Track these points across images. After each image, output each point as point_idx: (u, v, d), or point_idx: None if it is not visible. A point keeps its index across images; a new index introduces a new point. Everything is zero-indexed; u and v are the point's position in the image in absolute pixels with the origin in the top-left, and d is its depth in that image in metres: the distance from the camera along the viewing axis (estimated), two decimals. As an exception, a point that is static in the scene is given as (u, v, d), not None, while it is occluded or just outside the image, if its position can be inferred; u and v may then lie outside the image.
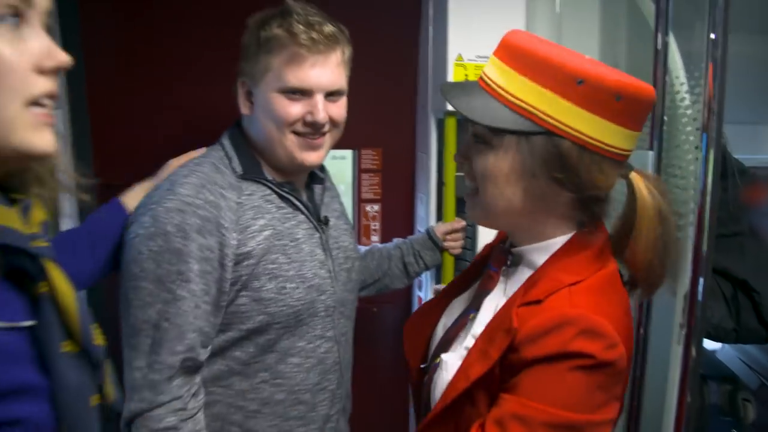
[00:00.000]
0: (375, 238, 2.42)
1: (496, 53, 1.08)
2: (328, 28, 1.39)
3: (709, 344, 2.29)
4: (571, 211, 1.09)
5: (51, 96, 0.77)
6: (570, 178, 1.02)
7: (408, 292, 2.47)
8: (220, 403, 1.43)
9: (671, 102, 1.53)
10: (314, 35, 1.36)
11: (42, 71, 0.76)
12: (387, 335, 2.49)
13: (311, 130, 1.41)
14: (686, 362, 1.39)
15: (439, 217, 2.15)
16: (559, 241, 1.11)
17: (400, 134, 2.41)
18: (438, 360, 1.18)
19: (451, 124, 2.03)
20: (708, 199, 1.33)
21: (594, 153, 1.01)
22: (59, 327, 0.81)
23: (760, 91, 2.41)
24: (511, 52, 1.05)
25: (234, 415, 1.44)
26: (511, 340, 1.01)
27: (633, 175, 1.06)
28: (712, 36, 1.31)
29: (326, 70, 1.39)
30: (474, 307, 1.19)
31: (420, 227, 2.36)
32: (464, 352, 1.13)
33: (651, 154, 1.48)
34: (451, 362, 1.14)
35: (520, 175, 1.04)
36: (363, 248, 1.93)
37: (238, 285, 1.37)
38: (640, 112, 1.03)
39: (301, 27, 1.36)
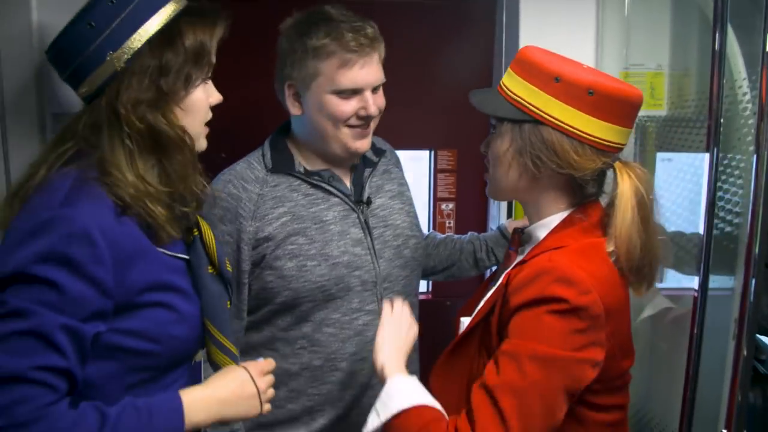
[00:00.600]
0: (444, 233, 2.53)
1: (511, 64, 1.32)
2: (370, 30, 1.57)
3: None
4: (563, 191, 1.30)
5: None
6: (550, 157, 1.23)
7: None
8: None
9: (730, 104, 1.58)
10: (362, 40, 1.54)
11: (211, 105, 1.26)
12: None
13: (364, 122, 1.61)
14: (737, 357, 1.43)
15: (510, 214, 2.24)
16: (556, 219, 1.31)
17: (475, 136, 2.49)
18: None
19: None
20: (761, 200, 1.37)
21: (572, 138, 1.22)
22: (205, 257, 1.25)
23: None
24: (516, 61, 1.29)
25: (281, 375, 1.58)
26: (503, 295, 1.23)
27: (617, 164, 1.26)
28: None
29: (372, 69, 1.58)
30: (493, 279, 1.43)
31: (492, 225, 2.45)
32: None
33: (707, 155, 1.53)
34: (465, 322, 1.37)
35: (513, 155, 1.27)
36: (439, 236, 2.06)
37: (262, 264, 1.61)
38: (617, 107, 1.22)
39: (349, 34, 1.53)
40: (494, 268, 1.98)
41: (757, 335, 1.82)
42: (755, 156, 1.38)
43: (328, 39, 1.53)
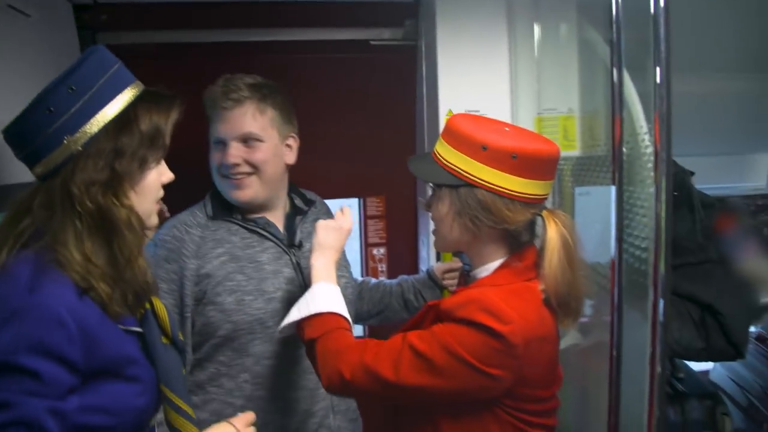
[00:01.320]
0: (377, 278, 2.60)
1: (441, 133, 1.49)
2: (236, 95, 1.75)
3: (701, 365, 2.43)
4: (499, 240, 1.47)
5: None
6: (485, 215, 1.41)
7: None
8: (215, 400, 1.75)
9: (633, 141, 1.71)
10: (226, 100, 1.75)
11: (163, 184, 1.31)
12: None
13: (231, 173, 1.77)
14: (652, 376, 1.53)
15: (438, 258, 2.32)
16: (495, 264, 1.47)
17: (402, 182, 2.60)
18: None
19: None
20: (663, 230, 1.49)
21: (503, 197, 1.39)
22: (158, 329, 1.29)
23: (735, 126, 2.58)
24: (447, 131, 1.47)
25: (226, 410, 1.72)
26: (434, 316, 1.41)
27: (545, 213, 1.44)
28: (658, 80, 1.50)
29: (233, 123, 1.76)
30: None
31: (423, 267, 2.53)
32: None
33: (613, 188, 1.65)
34: None
35: (453, 216, 1.44)
36: (372, 281, 2.18)
37: (204, 300, 1.74)
38: (538, 165, 1.40)
39: (218, 95, 1.76)
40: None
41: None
42: (655, 188, 1.51)
43: (206, 97, 1.79)
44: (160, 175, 1.30)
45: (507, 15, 2.22)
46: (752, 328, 2.02)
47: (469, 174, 1.40)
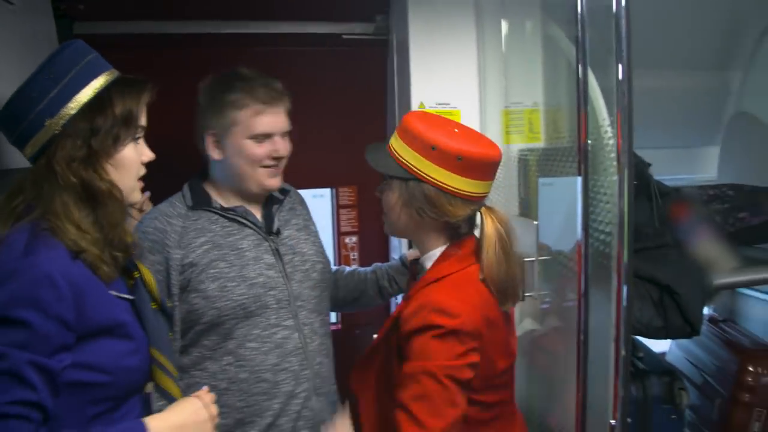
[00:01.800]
0: (351, 266, 2.68)
1: (397, 128, 1.63)
2: (278, 86, 1.86)
3: (657, 347, 2.57)
4: (441, 230, 1.63)
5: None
6: (429, 208, 1.56)
7: (386, 315, 2.71)
8: (199, 384, 1.75)
9: (596, 133, 1.81)
10: (272, 93, 1.84)
11: (143, 162, 1.42)
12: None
13: (276, 163, 1.88)
14: (617, 356, 1.64)
15: (410, 246, 2.41)
16: (437, 252, 1.63)
17: (372, 173, 2.66)
18: None
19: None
20: (626, 218, 1.60)
21: (446, 193, 1.54)
22: (147, 296, 1.42)
23: (691, 121, 2.72)
24: (402, 128, 1.60)
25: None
26: (394, 323, 1.57)
27: (483, 210, 1.61)
28: (620, 77, 1.59)
29: (280, 118, 1.87)
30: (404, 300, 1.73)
31: (394, 255, 2.62)
32: None
33: (579, 179, 1.76)
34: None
35: (401, 204, 1.59)
36: (347, 269, 2.24)
37: (189, 288, 1.80)
38: (481, 168, 1.56)
39: (261, 89, 1.83)
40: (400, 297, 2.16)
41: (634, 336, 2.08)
42: (617, 178, 1.61)
43: (243, 93, 1.81)
44: (138, 154, 1.40)
45: (475, 12, 2.32)
46: (705, 310, 2.13)
47: (418, 170, 1.54)
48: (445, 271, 1.58)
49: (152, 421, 1.28)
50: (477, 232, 1.64)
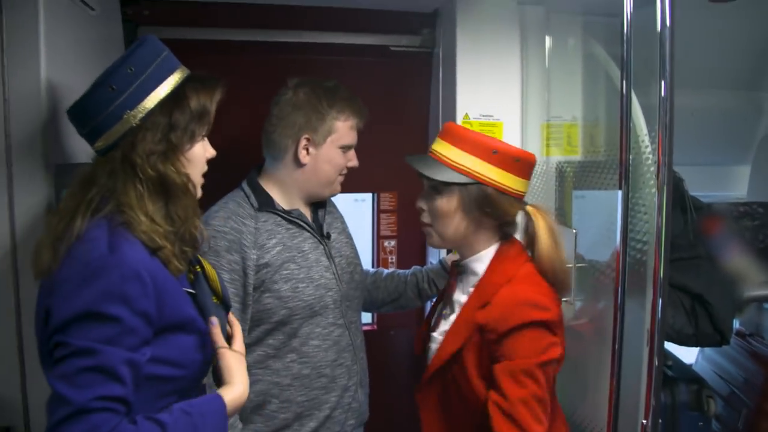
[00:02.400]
0: (390, 269, 2.77)
1: (441, 137, 1.71)
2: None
3: (685, 357, 2.64)
4: (493, 231, 1.71)
5: None
6: (493, 210, 1.66)
7: (421, 317, 2.81)
8: (261, 381, 1.89)
9: (636, 148, 1.89)
10: (364, 112, 2.03)
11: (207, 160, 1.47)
12: (402, 353, 2.84)
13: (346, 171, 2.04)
14: (650, 365, 1.71)
15: (449, 250, 2.50)
16: (488, 252, 1.71)
17: (414, 180, 2.75)
18: (429, 345, 1.78)
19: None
20: (663, 228, 1.68)
21: (505, 194, 1.65)
22: (209, 290, 1.45)
23: (724, 139, 2.79)
24: (452, 136, 1.68)
25: (273, 389, 1.89)
26: (478, 329, 1.59)
27: (530, 208, 1.70)
28: (662, 94, 1.66)
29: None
30: (445, 305, 1.81)
31: (432, 259, 2.71)
32: (436, 335, 1.74)
33: (620, 192, 1.84)
34: (434, 345, 1.74)
35: (461, 210, 1.66)
36: (386, 271, 2.33)
37: (262, 288, 1.87)
38: (528, 168, 1.69)
39: (359, 107, 2.01)
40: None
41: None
42: (658, 193, 1.68)
43: (347, 106, 1.99)
44: (204, 150, 1.46)
45: (520, 28, 2.42)
46: (735, 323, 2.21)
47: (479, 173, 1.63)
48: (510, 270, 1.65)
49: (225, 394, 1.33)
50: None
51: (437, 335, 1.74)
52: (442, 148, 1.69)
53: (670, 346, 2.38)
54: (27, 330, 1.63)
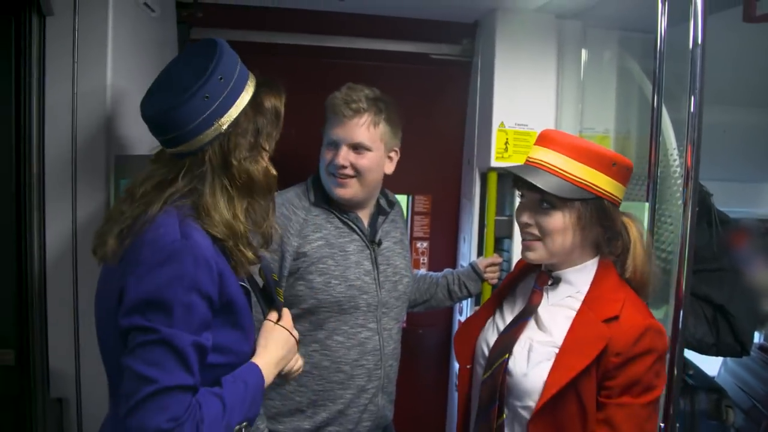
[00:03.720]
0: (422, 270, 2.85)
1: (545, 145, 1.60)
2: (356, 105, 1.97)
3: (708, 369, 2.68)
4: (594, 242, 1.62)
5: None
6: (608, 224, 1.58)
7: (449, 317, 2.92)
8: None
9: (664, 161, 1.95)
10: (346, 109, 1.97)
11: None
12: (431, 352, 2.94)
13: (337, 172, 1.99)
14: (671, 375, 1.72)
15: (480, 253, 2.59)
16: (589, 264, 1.63)
17: (448, 183, 2.88)
18: (504, 358, 1.61)
19: (492, 178, 2.52)
20: (687, 240, 1.73)
21: (616, 206, 1.59)
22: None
23: (754, 156, 2.82)
24: (564, 146, 1.57)
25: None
26: (605, 346, 1.48)
27: (625, 219, 1.63)
28: (692, 110, 1.69)
29: (348, 129, 1.99)
30: (528, 314, 1.67)
31: (463, 262, 2.79)
32: (535, 344, 1.59)
33: (647, 205, 1.90)
34: (519, 357, 1.60)
35: (578, 226, 1.57)
36: (419, 272, 2.41)
37: (297, 275, 1.96)
38: (630, 175, 1.62)
39: (340, 104, 1.98)
40: (470, 304, 2.33)
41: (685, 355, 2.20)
42: (683, 206, 1.73)
43: (329, 105, 2.02)
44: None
45: (557, 40, 2.49)
46: (756, 335, 2.25)
47: (598, 187, 1.55)
48: (621, 289, 1.59)
49: (258, 360, 1.42)
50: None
51: (539, 346, 1.59)
52: (552, 158, 1.57)
53: (693, 357, 2.44)
54: (82, 307, 1.76)
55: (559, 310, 1.63)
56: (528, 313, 1.67)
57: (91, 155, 1.75)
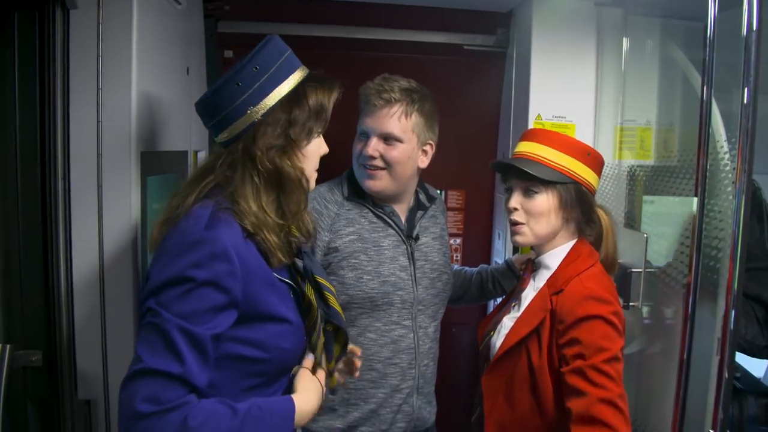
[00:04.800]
0: (456, 265, 2.79)
1: (530, 140, 1.78)
2: (387, 95, 1.93)
3: (754, 370, 2.58)
4: (574, 228, 1.79)
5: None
6: (584, 208, 1.75)
7: (482, 315, 2.82)
8: None
9: (713, 155, 1.86)
10: (377, 99, 1.93)
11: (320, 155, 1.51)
12: (463, 349, 2.86)
13: (367, 163, 1.95)
14: (720, 378, 1.69)
15: (515, 250, 2.51)
16: (563, 249, 1.78)
17: (481, 179, 2.80)
18: (489, 336, 1.85)
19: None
20: (739, 237, 1.65)
21: (591, 193, 1.77)
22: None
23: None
24: (545, 138, 1.76)
25: None
26: (550, 315, 1.67)
27: (598, 209, 1.81)
28: (745, 101, 1.63)
29: (378, 120, 1.94)
30: (514, 298, 1.87)
31: (497, 259, 2.72)
32: (506, 320, 1.81)
33: (695, 200, 1.81)
34: (498, 335, 1.80)
35: (559, 208, 1.74)
36: (454, 267, 2.33)
37: (328, 270, 1.92)
38: (602, 168, 1.82)
39: (372, 95, 1.94)
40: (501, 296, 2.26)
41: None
42: (735, 201, 1.66)
43: (362, 94, 1.98)
44: (318, 146, 1.50)
45: (597, 29, 2.41)
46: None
47: (575, 173, 1.74)
48: (582, 267, 1.72)
49: (296, 398, 1.39)
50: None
51: (507, 320, 1.80)
52: (536, 149, 1.76)
53: (739, 359, 2.33)
54: (109, 308, 1.73)
55: (536, 293, 1.78)
56: (514, 297, 1.87)
57: (117, 152, 1.71)
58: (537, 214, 1.74)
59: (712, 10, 1.74)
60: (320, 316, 1.52)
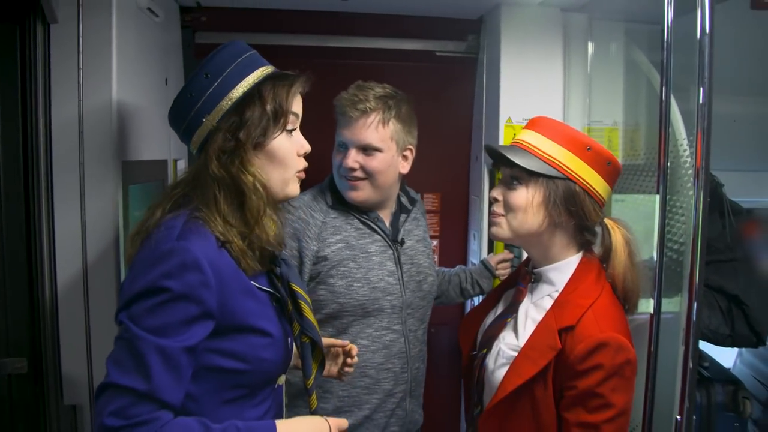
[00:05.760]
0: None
1: (530, 128, 1.64)
2: (362, 105, 1.91)
3: (722, 360, 2.66)
4: (570, 236, 1.61)
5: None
6: (577, 210, 1.56)
7: (460, 315, 2.89)
8: None
9: (674, 153, 1.93)
10: (352, 110, 1.91)
11: (299, 154, 1.44)
12: (443, 350, 2.90)
13: (347, 175, 1.95)
14: (685, 366, 1.73)
15: (490, 250, 2.58)
16: (568, 263, 1.62)
17: (456, 181, 2.87)
18: (484, 351, 1.68)
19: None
20: (699, 232, 1.70)
21: (591, 196, 1.57)
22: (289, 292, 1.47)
23: (761, 145, 2.79)
24: (542, 126, 1.61)
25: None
26: (558, 356, 1.49)
27: (607, 221, 1.63)
28: (701, 100, 1.67)
29: (355, 131, 1.92)
30: (510, 313, 1.70)
31: (473, 259, 2.78)
32: (503, 346, 1.63)
33: (657, 197, 1.88)
34: (493, 355, 1.65)
35: (542, 204, 1.57)
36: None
37: (317, 279, 1.93)
38: (616, 175, 1.62)
39: (346, 106, 1.92)
40: (481, 297, 2.32)
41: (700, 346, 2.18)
42: (695, 197, 1.70)
43: (337, 105, 1.97)
44: (293, 145, 1.43)
45: (563, 34, 2.48)
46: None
47: (569, 168, 1.56)
48: (594, 292, 1.55)
49: (281, 426, 1.33)
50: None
51: (504, 346, 1.64)
52: (530, 137, 1.61)
53: (708, 349, 2.42)
54: (93, 314, 1.76)
55: (536, 311, 1.63)
56: (510, 311, 1.70)
57: (99, 161, 1.75)
58: (515, 207, 1.59)
59: (668, 15, 1.82)
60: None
